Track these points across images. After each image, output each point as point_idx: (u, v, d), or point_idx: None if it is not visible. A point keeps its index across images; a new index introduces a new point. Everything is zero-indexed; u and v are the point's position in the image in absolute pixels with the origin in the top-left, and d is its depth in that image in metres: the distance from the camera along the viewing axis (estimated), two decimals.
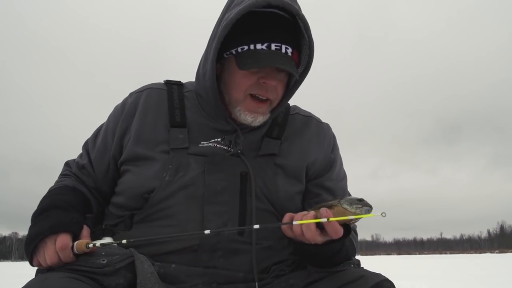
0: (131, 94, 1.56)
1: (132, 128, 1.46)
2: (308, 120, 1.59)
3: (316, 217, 1.21)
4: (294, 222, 1.23)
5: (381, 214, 1.20)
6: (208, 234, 1.23)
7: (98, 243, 1.23)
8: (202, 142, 1.42)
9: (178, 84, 1.57)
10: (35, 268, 1.29)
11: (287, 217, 1.28)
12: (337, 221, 1.19)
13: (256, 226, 1.25)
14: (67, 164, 1.57)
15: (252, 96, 1.40)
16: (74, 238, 1.24)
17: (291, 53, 1.38)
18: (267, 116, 1.44)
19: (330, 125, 1.64)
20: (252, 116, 1.41)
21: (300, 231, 1.23)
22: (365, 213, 1.18)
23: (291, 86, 1.48)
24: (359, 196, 1.23)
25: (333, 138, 1.61)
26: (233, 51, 1.39)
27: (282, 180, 1.43)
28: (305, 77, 1.46)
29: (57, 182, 1.50)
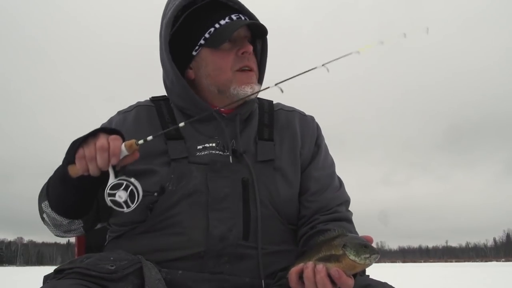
0: (119, 112, 1.58)
1: None
2: (292, 115, 1.61)
3: (326, 271, 1.14)
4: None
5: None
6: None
7: (140, 141, 1.24)
8: (197, 147, 1.44)
9: (164, 99, 1.59)
10: (40, 273, 1.29)
11: (293, 274, 1.20)
12: (348, 273, 1.15)
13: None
14: None
15: (240, 70, 1.45)
16: None
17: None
18: (259, 86, 1.48)
19: (315, 118, 1.66)
20: (250, 87, 1.44)
21: None
22: (374, 262, 1.15)
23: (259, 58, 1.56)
24: (360, 239, 1.18)
25: (316, 129, 1.62)
26: (202, 41, 1.45)
27: (282, 183, 1.45)
28: (267, 48, 1.56)
29: None
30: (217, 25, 1.44)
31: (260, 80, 1.52)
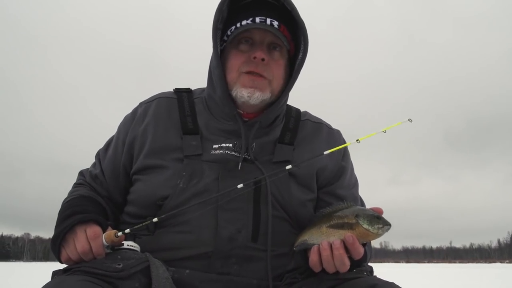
0: (141, 104, 1.58)
1: (143, 139, 1.47)
2: (319, 127, 1.60)
3: (343, 247, 1.21)
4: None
5: (408, 120, 1.25)
6: (241, 187, 1.30)
7: (127, 230, 1.27)
8: (214, 146, 1.44)
9: (188, 91, 1.59)
10: (47, 268, 1.30)
11: (315, 255, 1.26)
12: (360, 241, 1.20)
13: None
14: (81, 173, 1.60)
15: (246, 73, 1.42)
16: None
17: (278, 25, 1.42)
18: (266, 95, 1.44)
19: (341, 132, 1.65)
20: (248, 92, 1.42)
21: (334, 268, 1.24)
22: (386, 232, 1.19)
23: (294, 72, 1.49)
24: (371, 211, 1.23)
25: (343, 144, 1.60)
26: (225, 38, 1.45)
27: (295, 187, 1.44)
28: (305, 59, 1.47)
29: (71, 192, 1.52)
30: (238, 25, 1.42)
31: (285, 91, 1.48)
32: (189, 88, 1.61)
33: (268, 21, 1.41)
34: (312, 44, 1.46)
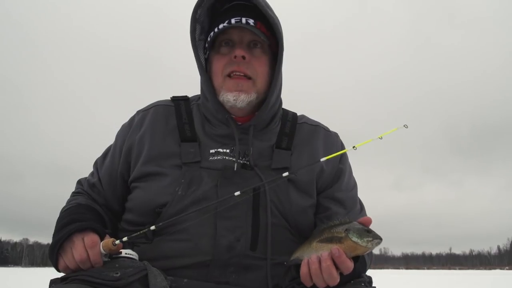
0: (138, 112, 1.58)
1: (140, 146, 1.47)
2: (316, 129, 1.59)
3: (331, 259, 1.18)
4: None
5: (404, 126, 1.26)
6: (238, 195, 1.28)
7: (124, 238, 1.27)
8: (210, 151, 1.43)
9: (185, 99, 1.59)
10: (46, 274, 1.29)
11: (304, 267, 1.24)
12: (348, 255, 1.18)
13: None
14: (79, 182, 1.60)
15: (229, 76, 1.42)
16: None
17: (254, 23, 1.42)
18: (252, 96, 1.44)
19: (339, 134, 1.64)
20: (234, 95, 1.42)
21: (323, 282, 1.21)
22: (376, 246, 1.17)
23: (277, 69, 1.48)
24: (363, 226, 1.21)
25: (341, 147, 1.59)
26: (206, 45, 1.47)
27: (294, 194, 1.43)
28: (282, 53, 1.47)
29: (69, 201, 1.52)
30: (216, 29, 1.43)
31: (271, 89, 1.46)
32: (186, 96, 1.61)
33: (244, 20, 1.41)
34: (316, 49, 1.44)
